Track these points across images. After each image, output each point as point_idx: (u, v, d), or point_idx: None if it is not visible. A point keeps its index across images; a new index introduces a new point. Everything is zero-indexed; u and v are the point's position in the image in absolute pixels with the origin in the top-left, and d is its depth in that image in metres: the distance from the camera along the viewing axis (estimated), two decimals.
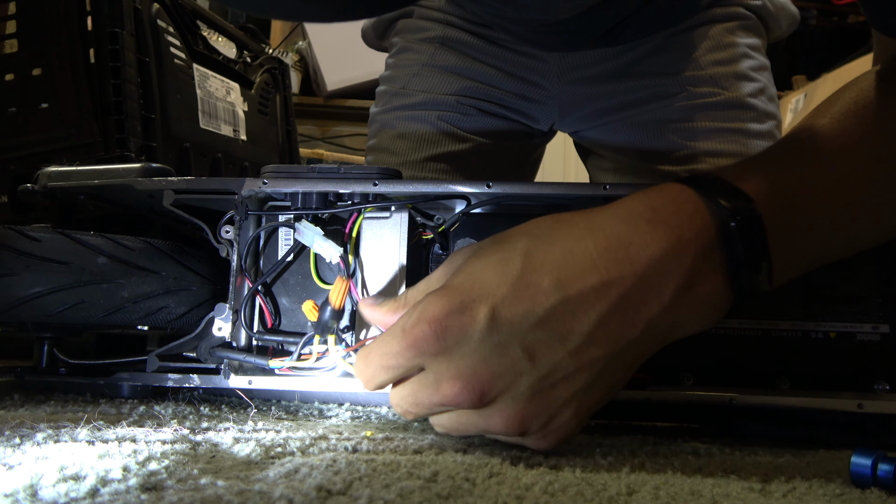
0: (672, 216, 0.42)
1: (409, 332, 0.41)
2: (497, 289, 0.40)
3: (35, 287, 0.56)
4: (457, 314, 0.40)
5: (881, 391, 0.52)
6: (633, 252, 0.41)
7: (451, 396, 0.40)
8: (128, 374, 0.60)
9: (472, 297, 0.40)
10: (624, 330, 0.41)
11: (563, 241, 0.41)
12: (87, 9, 0.84)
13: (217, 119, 1.00)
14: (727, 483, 0.39)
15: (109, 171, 0.61)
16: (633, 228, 0.41)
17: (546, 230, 0.42)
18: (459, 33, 0.97)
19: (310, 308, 0.53)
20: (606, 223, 0.42)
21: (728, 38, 0.91)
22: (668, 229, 0.41)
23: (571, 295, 0.40)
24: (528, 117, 0.99)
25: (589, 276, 0.40)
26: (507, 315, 0.40)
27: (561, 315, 0.40)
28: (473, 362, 0.40)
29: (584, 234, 0.42)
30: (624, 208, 0.43)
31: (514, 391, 0.40)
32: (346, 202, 0.57)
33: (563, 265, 0.40)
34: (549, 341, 0.40)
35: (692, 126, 0.89)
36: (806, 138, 0.49)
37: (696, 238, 0.42)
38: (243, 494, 0.32)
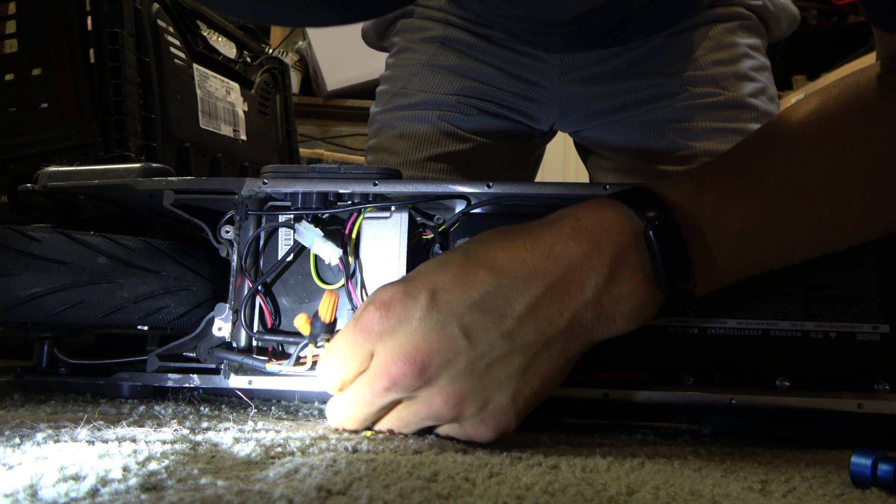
0: (592, 223, 0.47)
1: (360, 317, 0.46)
2: (438, 276, 0.45)
3: (35, 287, 0.56)
4: (400, 296, 0.45)
5: (881, 391, 0.52)
6: (556, 250, 0.46)
7: (395, 373, 0.44)
8: (128, 374, 0.60)
9: (415, 284, 0.45)
10: (552, 317, 0.45)
11: (497, 241, 0.47)
12: (87, 9, 0.84)
13: (217, 119, 1.00)
14: (727, 483, 0.39)
15: (109, 171, 0.61)
16: (558, 233, 0.47)
17: (484, 235, 0.48)
18: (460, 33, 0.97)
19: (303, 323, 0.53)
20: (536, 229, 0.47)
21: (728, 38, 0.91)
22: (587, 234, 0.47)
23: (503, 282, 0.45)
24: (529, 117, 0.99)
25: (519, 267, 0.45)
26: (446, 297, 0.44)
27: (494, 299, 0.45)
28: (415, 339, 0.44)
29: (515, 236, 0.47)
30: (552, 219, 0.48)
31: (453, 369, 0.44)
32: (346, 202, 0.57)
33: (497, 258, 0.46)
34: (485, 322, 0.44)
35: (692, 126, 0.89)
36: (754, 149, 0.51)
37: (613, 242, 0.47)
38: (243, 494, 0.32)
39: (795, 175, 0.49)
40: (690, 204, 0.48)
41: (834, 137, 0.50)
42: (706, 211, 0.49)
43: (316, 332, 0.52)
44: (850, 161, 0.49)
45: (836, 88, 0.52)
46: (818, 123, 0.50)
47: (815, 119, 0.51)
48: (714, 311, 0.55)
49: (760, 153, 0.51)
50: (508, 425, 0.45)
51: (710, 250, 0.48)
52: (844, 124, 0.50)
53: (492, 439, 0.46)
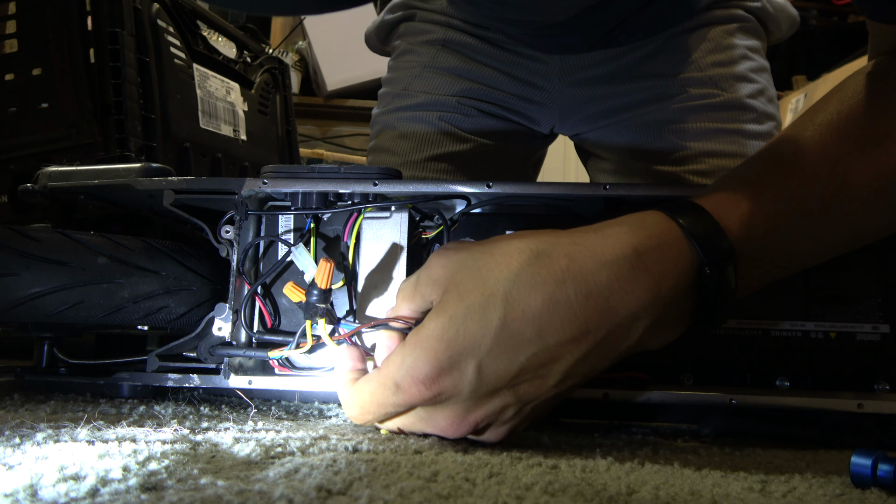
0: (655, 263, 0.43)
1: (405, 390, 0.44)
2: (482, 341, 0.42)
3: (35, 287, 0.56)
4: (447, 373, 0.43)
5: (881, 391, 0.52)
6: (612, 302, 0.42)
7: (449, 433, 0.45)
8: (128, 374, 0.60)
9: (458, 352, 0.42)
10: (596, 364, 0.44)
11: (543, 287, 0.42)
12: (87, 9, 0.84)
13: (217, 119, 1.00)
14: (727, 483, 0.39)
15: (109, 171, 0.61)
16: (616, 276, 0.43)
17: (528, 269, 0.43)
18: (461, 35, 0.97)
19: (291, 289, 0.52)
20: (589, 268, 0.43)
21: (727, 40, 0.91)
22: (649, 279, 0.43)
23: (551, 344, 0.42)
24: (529, 119, 0.99)
25: (568, 326, 0.42)
26: (493, 367, 0.42)
27: (541, 361, 0.43)
28: (466, 408, 0.44)
29: (565, 278, 0.42)
30: (610, 250, 0.43)
31: (502, 418, 0.45)
32: (346, 202, 0.57)
33: (543, 314, 0.42)
34: (532, 380, 0.43)
35: (692, 127, 0.89)
36: (793, 155, 0.49)
37: (674, 286, 0.44)
38: (243, 494, 0.32)
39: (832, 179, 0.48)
40: (747, 229, 0.46)
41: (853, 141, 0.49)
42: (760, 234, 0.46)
43: (312, 300, 0.51)
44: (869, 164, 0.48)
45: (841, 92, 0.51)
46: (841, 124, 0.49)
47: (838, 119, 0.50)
48: None
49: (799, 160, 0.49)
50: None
51: (752, 270, 0.47)
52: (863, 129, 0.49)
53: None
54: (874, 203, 0.49)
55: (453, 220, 0.58)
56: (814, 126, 0.50)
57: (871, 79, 0.51)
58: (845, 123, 0.49)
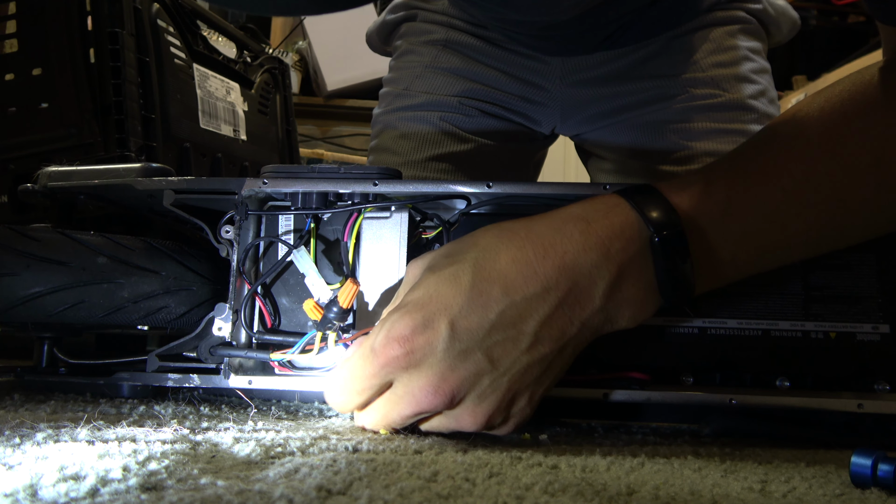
0: (603, 229, 0.47)
1: (381, 351, 0.45)
2: (453, 300, 0.45)
3: (35, 287, 0.56)
4: (421, 330, 0.44)
5: (881, 391, 0.52)
6: (567, 260, 0.46)
7: (425, 403, 0.45)
8: (128, 374, 0.60)
9: (432, 312, 0.45)
10: (564, 328, 0.46)
11: (506, 251, 0.46)
12: (87, 9, 0.84)
13: (217, 119, 1.00)
14: (727, 483, 0.39)
15: (109, 171, 0.61)
16: (569, 240, 0.46)
17: (492, 240, 0.47)
18: (462, 36, 0.97)
19: (311, 307, 0.53)
20: (544, 234, 0.47)
21: (729, 41, 0.91)
22: (598, 241, 0.47)
23: (517, 300, 0.45)
24: (530, 120, 0.99)
25: (531, 282, 0.45)
26: (465, 324, 0.45)
27: (510, 317, 0.45)
28: (442, 370, 0.45)
29: (524, 243, 0.46)
30: (559, 217, 0.48)
31: (479, 390, 0.45)
32: (346, 202, 0.57)
33: (509, 273, 0.46)
34: (504, 343, 0.45)
35: (692, 127, 0.89)
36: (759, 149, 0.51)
37: (622, 250, 0.47)
38: (243, 494, 0.32)
39: (798, 173, 0.49)
40: (698, 207, 0.48)
41: (836, 135, 0.50)
42: (713, 213, 0.49)
43: (330, 317, 0.52)
44: (851, 158, 0.49)
45: (839, 86, 0.52)
46: (820, 121, 0.50)
47: (818, 117, 0.51)
48: (714, 311, 0.55)
49: (764, 152, 0.51)
50: (525, 420, 0.48)
51: (713, 252, 0.49)
52: (846, 121, 0.50)
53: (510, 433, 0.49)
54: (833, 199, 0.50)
55: (450, 222, 0.58)
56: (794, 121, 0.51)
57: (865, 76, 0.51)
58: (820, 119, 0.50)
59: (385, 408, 0.47)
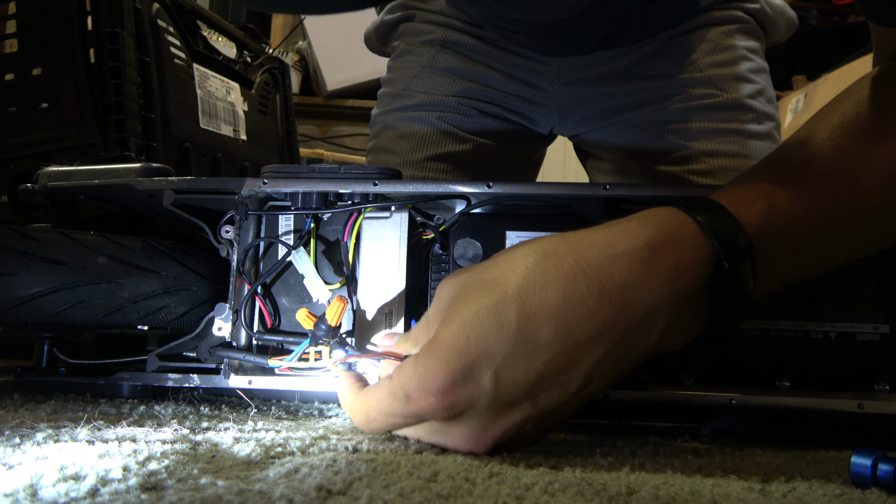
0: (669, 256, 0.42)
1: (416, 401, 0.41)
2: (496, 347, 0.40)
3: (35, 287, 0.56)
4: (461, 383, 0.40)
5: (881, 391, 0.52)
6: (627, 297, 0.41)
7: (463, 448, 0.42)
8: (128, 374, 0.60)
9: (473, 362, 0.40)
10: (618, 367, 0.43)
11: (554, 285, 0.41)
12: (87, 9, 0.84)
13: (217, 119, 1.00)
14: (727, 483, 0.39)
15: (109, 171, 0.61)
16: (629, 270, 0.41)
17: (536, 269, 0.41)
18: (460, 36, 0.97)
19: (304, 317, 0.52)
20: (599, 262, 0.41)
21: (727, 41, 0.91)
22: (664, 273, 0.42)
23: (570, 346, 0.40)
24: (529, 119, 1.00)
25: (586, 325, 0.40)
26: (510, 375, 0.40)
27: (561, 366, 0.41)
28: (485, 422, 0.41)
29: (575, 274, 0.41)
30: (619, 244, 0.42)
31: (522, 432, 0.43)
32: (346, 202, 0.57)
33: (559, 314, 0.40)
34: (552, 390, 0.41)
35: (691, 127, 0.89)
36: (807, 157, 0.48)
37: (692, 281, 0.42)
38: (243, 494, 0.32)
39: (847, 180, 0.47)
40: (764, 228, 0.44)
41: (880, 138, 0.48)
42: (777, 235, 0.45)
43: (319, 333, 0.52)
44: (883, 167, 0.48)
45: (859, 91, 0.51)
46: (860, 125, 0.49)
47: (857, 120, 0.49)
48: None
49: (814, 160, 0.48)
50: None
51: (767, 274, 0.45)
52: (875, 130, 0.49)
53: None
54: (888, 205, 0.48)
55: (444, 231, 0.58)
56: (826, 128, 0.49)
57: (878, 83, 0.51)
58: (857, 125, 0.49)
59: (416, 435, 0.44)
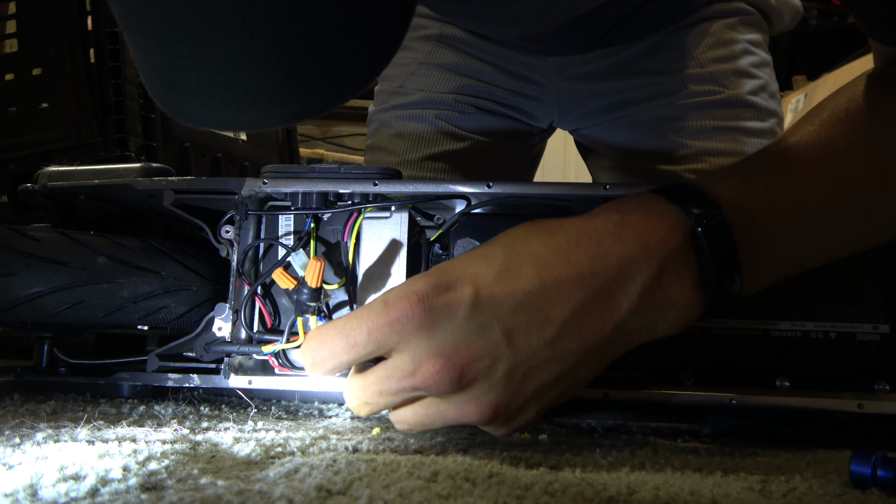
0: (639, 220, 0.44)
1: (394, 304, 0.40)
2: (481, 272, 0.42)
3: (35, 287, 0.56)
4: (443, 290, 0.41)
5: (881, 391, 0.52)
6: (602, 250, 0.43)
7: (430, 375, 0.40)
8: (128, 374, 0.60)
9: (457, 277, 0.42)
10: (596, 326, 0.42)
11: (538, 236, 0.44)
12: (87, 9, 0.84)
13: None
14: (727, 483, 0.39)
15: (109, 171, 0.61)
16: (603, 231, 0.44)
17: (523, 228, 0.45)
18: (457, 31, 0.97)
19: (280, 275, 0.52)
20: (578, 225, 0.44)
21: (728, 35, 0.90)
22: (634, 232, 0.44)
23: (548, 282, 0.42)
24: (527, 115, 0.99)
25: (563, 267, 0.42)
26: (490, 294, 0.41)
27: (538, 300, 0.42)
28: (455, 340, 0.40)
29: (556, 230, 0.44)
30: (594, 215, 0.45)
31: (491, 377, 0.41)
32: (346, 202, 0.57)
33: (541, 254, 0.43)
34: (528, 327, 0.41)
35: (692, 125, 0.89)
36: (792, 146, 0.49)
37: (662, 241, 0.44)
38: (243, 494, 0.32)
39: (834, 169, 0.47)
40: (738, 200, 0.45)
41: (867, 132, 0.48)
42: (753, 208, 0.46)
43: (303, 298, 0.51)
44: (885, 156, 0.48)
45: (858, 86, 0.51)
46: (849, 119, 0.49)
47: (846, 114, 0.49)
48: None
49: (799, 148, 0.48)
50: (530, 425, 0.45)
51: (757, 249, 0.46)
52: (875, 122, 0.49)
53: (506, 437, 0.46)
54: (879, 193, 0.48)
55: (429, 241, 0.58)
56: (815, 121, 0.50)
57: (869, 81, 0.51)
58: (847, 118, 0.49)
59: (377, 378, 0.42)
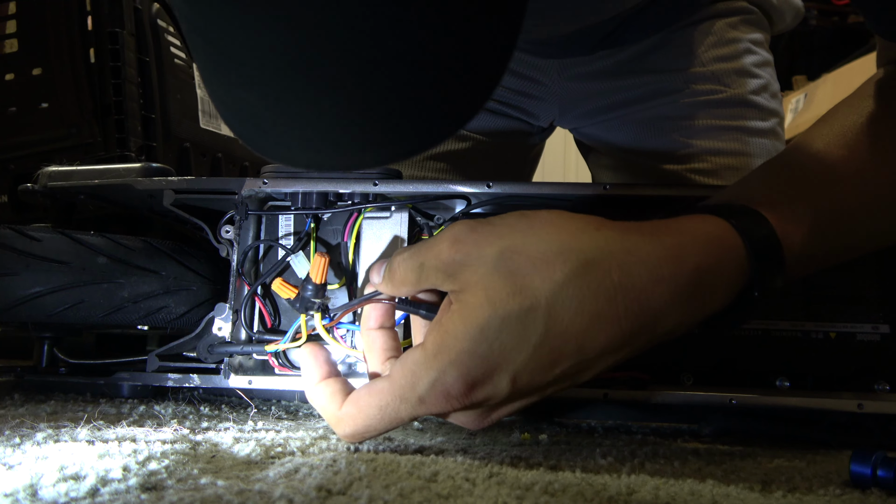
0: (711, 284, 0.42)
1: (430, 405, 0.40)
2: (518, 356, 0.39)
3: (35, 287, 0.56)
4: (479, 387, 0.40)
5: (881, 391, 0.52)
6: (659, 321, 0.41)
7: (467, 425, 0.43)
8: (128, 374, 0.60)
9: (493, 367, 0.39)
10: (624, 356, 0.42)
11: (592, 303, 0.39)
12: (87, 9, 0.84)
13: (217, 119, 1.00)
14: (727, 483, 0.39)
15: (109, 171, 0.61)
16: (670, 296, 0.40)
17: (573, 278, 0.39)
18: None
19: (279, 285, 0.52)
20: (644, 284, 0.40)
21: (731, 34, 0.90)
22: (701, 302, 0.42)
23: (590, 357, 0.40)
24: (528, 114, 0.99)
25: (612, 340, 0.40)
26: (527, 379, 0.40)
27: (576, 370, 0.41)
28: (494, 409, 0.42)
29: (616, 294, 0.39)
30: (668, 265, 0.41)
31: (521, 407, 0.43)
32: (346, 202, 0.57)
33: (588, 332, 0.39)
34: (562, 384, 0.42)
35: (694, 124, 0.88)
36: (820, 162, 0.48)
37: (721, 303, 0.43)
38: (243, 494, 0.32)
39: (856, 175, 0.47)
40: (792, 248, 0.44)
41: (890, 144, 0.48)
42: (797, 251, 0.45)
43: (307, 295, 0.51)
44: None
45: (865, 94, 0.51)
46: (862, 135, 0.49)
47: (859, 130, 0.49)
48: None
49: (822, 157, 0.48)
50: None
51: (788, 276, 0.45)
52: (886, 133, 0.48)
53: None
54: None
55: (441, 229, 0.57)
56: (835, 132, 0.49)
57: (883, 86, 0.51)
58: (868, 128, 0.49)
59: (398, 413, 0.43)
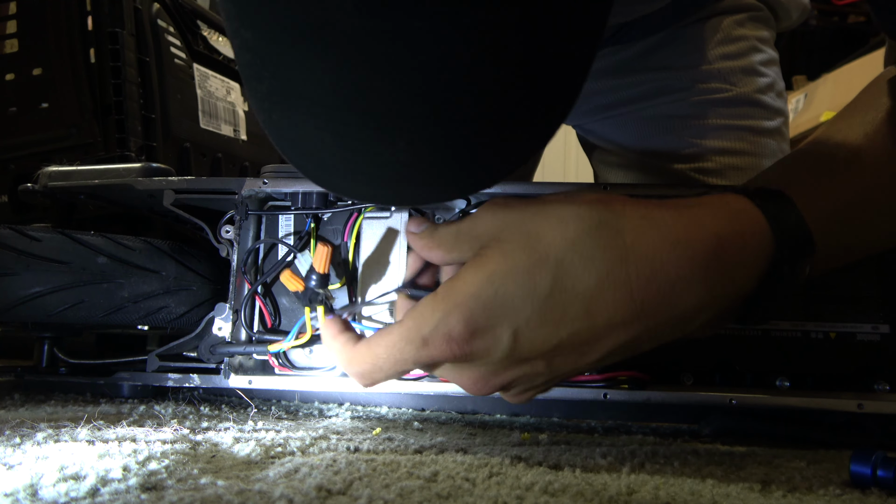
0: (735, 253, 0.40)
1: (434, 345, 0.40)
2: (522, 307, 0.38)
3: (35, 287, 0.56)
4: (481, 335, 0.39)
5: (881, 391, 0.52)
6: (677, 289, 0.38)
7: (467, 388, 0.42)
8: (128, 374, 0.60)
9: (495, 315, 0.39)
10: (637, 348, 0.41)
11: (601, 262, 0.38)
12: (87, 9, 0.84)
13: (217, 119, 1.00)
14: (727, 483, 0.39)
15: (109, 171, 0.61)
16: (689, 262, 0.38)
17: (585, 235, 0.39)
18: None
19: (288, 277, 0.52)
20: (657, 247, 0.38)
21: (738, 31, 0.90)
22: (724, 271, 0.39)
23: (599, 325, 0.39)
24: None
25: (621, 308, 0.38)
26: (530, 336, 0.39)
27: (584, 340, 0.39)
28: (495, 370, 0.41)
29: (627, 255, 0.38)
30: (685, 230, 0.39)
31: (529, 384, 0.42)
32: (346, 202, 0.57)
33: (595, 293, 0.38)
34: (568, 356, 0.40)
35: (700, 123, 0.88)
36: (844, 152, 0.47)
37: (747, 280, 0.40)
38: (243, 494, 0.32)
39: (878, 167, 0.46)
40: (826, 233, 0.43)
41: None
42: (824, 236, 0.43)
43: (311, 285, 0.51)
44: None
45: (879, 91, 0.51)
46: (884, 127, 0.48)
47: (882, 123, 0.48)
48: None
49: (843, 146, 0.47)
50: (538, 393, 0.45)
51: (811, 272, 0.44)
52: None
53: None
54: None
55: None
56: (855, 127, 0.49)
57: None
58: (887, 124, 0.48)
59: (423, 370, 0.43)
